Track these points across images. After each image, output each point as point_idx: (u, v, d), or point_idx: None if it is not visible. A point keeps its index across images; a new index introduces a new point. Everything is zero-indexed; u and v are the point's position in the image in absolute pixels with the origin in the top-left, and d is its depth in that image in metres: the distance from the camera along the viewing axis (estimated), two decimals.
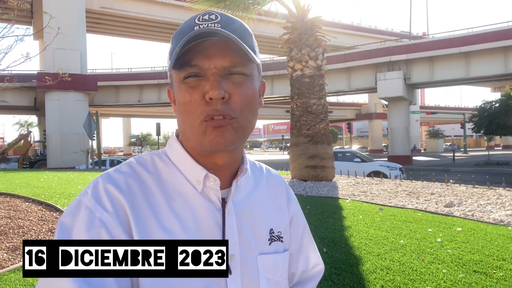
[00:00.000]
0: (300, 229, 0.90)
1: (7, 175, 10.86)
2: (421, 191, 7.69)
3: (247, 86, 0.68)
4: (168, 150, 0.75)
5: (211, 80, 0.64)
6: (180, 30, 0.68)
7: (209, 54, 0.65)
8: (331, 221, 4.90)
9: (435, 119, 65.73)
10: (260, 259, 0.75)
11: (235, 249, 0.71)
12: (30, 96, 30.56)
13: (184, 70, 0.65)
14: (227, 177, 0.74)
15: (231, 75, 0.66)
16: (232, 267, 0.69)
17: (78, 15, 26.63)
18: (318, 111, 9.15)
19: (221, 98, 0.64)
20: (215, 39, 0.64)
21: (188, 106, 0.66)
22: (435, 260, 3.49)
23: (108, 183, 0.67)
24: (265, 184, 0.84)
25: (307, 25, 9.43)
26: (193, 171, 0.71)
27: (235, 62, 0.66)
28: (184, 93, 0.67)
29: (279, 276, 0.78)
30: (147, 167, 0.72)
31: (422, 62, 26.16)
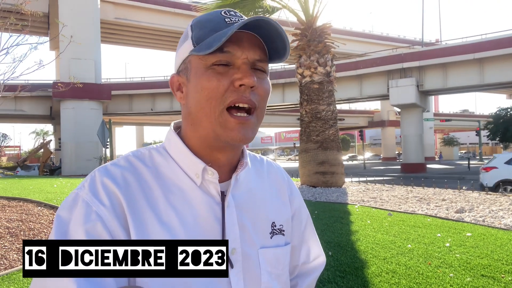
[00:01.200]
0: (303, 222, 0.89)
1: (21, 181, 11.09)
2: (432, 197, 7.59)
3: (266, 82, 0.71)
4: (167, 144, 0.74)
5: (244, 68, 0.66)
6: (208, 19, 0.69)
7: (242, 45, 0.66)
8: (338, 226, 4.87)
9: (450, 126, 64.76)
10: (261, 253, 0.74)
11: (236, 243, 0.70)
12: (46, 105, 31.20)
13: (214, 55, 0.65)
14: (226, 171, 0.73)
15: (254, 70, 0.68)
16: (234, 261, 0.69)
17: (93, 26, 27.23)
18: (327, 117, 9.14)
19: (251, 87, 0.66)
20: (245, 33, 0.66)
21: (214, 91, 0.66)
22: (443, 264, 3.44)
23: (105, 177, 0.66)
24: (266, 177, 0.83)
25: (316, 32, 9.48)
26: (191, 164, 0.70)
27: (261, 58, 0.68)
28: (211, 78, 0.66)
29: (280, 269, 0.77)
30: (144, 161, 0.71)
31: (435, 68, 25.90)
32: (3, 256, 3.36)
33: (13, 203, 6.39)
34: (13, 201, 6.70)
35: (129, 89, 32.43)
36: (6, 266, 3.18)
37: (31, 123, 53.37)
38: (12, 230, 4.17)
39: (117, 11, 32.01)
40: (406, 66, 26.24)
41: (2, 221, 4.57)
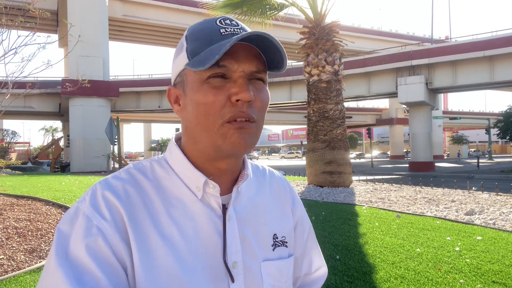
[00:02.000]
0: (306, 233, 0.88)
1: (30, 178, 11.18)
2: (441, 198, 7.50)
3: (265, 92, 0.69)
4: (168, 155, 0.74)
5: (240, 82, 0.64)
6: (202, 30, 0.67)
7: (237, 57, 0.64)
8: (346, 228, 4.83)
9: (459, 124, 64.11)
10: (263, 266, 0.73)
11: (237, 256, 0.69)
12: (55, 102, 31.47)
13: (209, 69, 0.64)
14: (228, 182, 0.73)
15: (253, 80, 0.67)
16: (235, 275, 0.68)
17: (101, 23, 27.35)
18: (335, 116, 9.07)
19: (248, 101, 0.65)
20: (240, 43, 0.64)
21: (211, 107, 0.64)
22: (452, 269, 3.39)
23: (106, 190, 0.66)
24: (268, 188, 0.82)
25: (324, 30, 9.39)
26: (193, 177, 0.69)
27: (259, 69, 0.67)
28: (207, 93, 0.65)
29: (283, 282, 0.76)
30: (146, 174, 0.71)
31: (444, 66, 25.60)
32: (10, 257, 3.37)
33: (22, 202, 6.43)
34: (22, 200, 6.75)
35: (137, 86, 32.56)
36: (13, 267, 3.19)
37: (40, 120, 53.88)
38: (20, 230, 4.19)
39: (125, 9, 32.12)
40: (415, 64, 25.98)
41: (10, 220, 4.60)
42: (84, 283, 0.57)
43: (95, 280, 0.58)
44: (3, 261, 3.26)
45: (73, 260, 0.59)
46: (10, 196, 7.12)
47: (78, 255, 0.60)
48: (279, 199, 0.83)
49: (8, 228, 4.22)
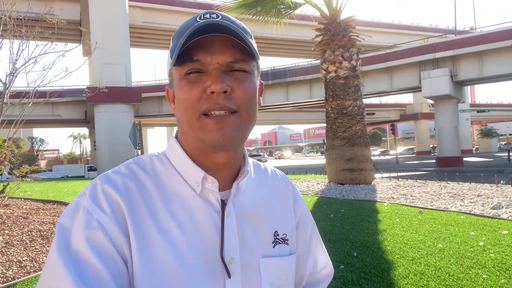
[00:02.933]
0: (309, 231, 0.87)
1: (57, 184, 11.55)
2: (467, 193, 7.25)
3: (248, 83, 0.68)
4: (168, 151, 0.75)
5: (213, 74, 0.64)
6: (181, 29, 0.67)
7: (211, 49, 0.64)
8: (365, 225, 4.74)
9: (488, 117, 61.91)
10: (262, 262, 0.73)
11: (235, 252, 0.69)
12: (81, 109, 32.40)
13: (185, 65, 0.65)
14: (227, 178, 0.73)
15: (232, 72, 0.66)
16: (232, 271, 0.68)
17: (122, 31, 27.99)
18: (354, 113, 8.93)
19: (223, 92, 0.64)
20: (216, 35, 0.63)
21: (187, 101, 0.66)
22: (475, 265, 3.27)
23: (106, 184, 0.67)
24: (271, 186, 0.82)
25: (340, 26, 9.27)
26: (192, 172, 0.70)
27: (236, 59, 0.65)
28: (184, 88, 0.66)
29: (283, 280, 0.75)
30: (145, 169, 0.72)
31: (469, 57, 24.80)
32: (33, 259, 3.48)
33: (48, 206, 6.65)
34: (48, 204, 6.98)
35: (158, 91, 33.06)
36: (35, 268, 3.29)
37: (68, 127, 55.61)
38: (44, 233, 4.32)
39: (144, 15, 32.75)
40: (439, 56, 25.28)
41: (35, 224, 4.75)
42: (85, 275, 0.58)
43: (95, 272, 0.59)
44: (26, 263, 3.38)
45: (73, 253, 0.60)
46: (37, 201, 7.38)
47: (79, 248, 0.60)
48: (281, 197, 0.82)
49: (32, 231, 4.37)
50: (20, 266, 3.29)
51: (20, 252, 3.63)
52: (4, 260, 3.39)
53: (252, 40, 0.69)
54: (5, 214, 5.19)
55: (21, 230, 4.39)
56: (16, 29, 5.14)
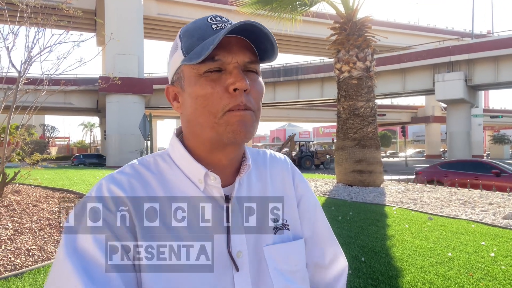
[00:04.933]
0: (312, 211, 0.84)
1: (67, 172, 11.66)
2: (478, 200, 7.14)
3: (259, 83, 0.72)
4: (170, 150, 0.76)
5: (235, 73, 0.67)
6: (195, 28, 0.70)
7: (231, 50, 0.67)
8: (373, 229, 4.69)
9: (501, 123, 60.97)
10: (266, 250, 0.74)
11: (242, 246, 0.71)
12: (93, 99, 32.66)
13: (205, 63, 0.67)
14: (229, 174, 0.75)
15: (247, 72, 0.69)
16: (240, 264, 0.69)
17: (137, 22, 28.08)
18: (366, 114, 8.84)
19: (244, 90, 0.67)
20: (233, 37, 0.67)
21: (209, 98, 0.67)
22: (486, 276, 3.20)
23: (112, 184, 0.68)
24: (268, 173, 0.82)
25: (355, 26, 9.16)
26: (194, 170, 0.72)
27: (252, 60, 0.69)
28: (205, 86, 0.67)
29: (293, 265, 0.76)
30: (149, 168, 0.73)
31: (485, 62, 24.43)
32: (41, 248, 3.51)
33: (57, 194, 6.71)
34: (57, 192, 7.05)
35: None
36: (43, 258, 3.31)
37: (79, 116, 56.15)
38: (53, 222, 4.36)
39: (159, 7, 32.79)
40: (454, 60, 24.95)
41: (44, 212, 4.80)
42: (92, 273, 0.59)
43: (102, 270, 0.60)
44: (34, 251, 3.40)
45: (81, 252, 0.61)
46: (47, 188, 7.45)
47: (86, 247, 0.62)
48: (280, 181, 0.83)
49: (41, 220, 4.40)
50: (28, 254, 3.31)
51: (28, 241, 3.66)
52: (13, 248, 3.42)
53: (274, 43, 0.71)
54: (15, 201, 5.25)
55: (30, 218, 4.43)
56: (32, 17, 5.16)
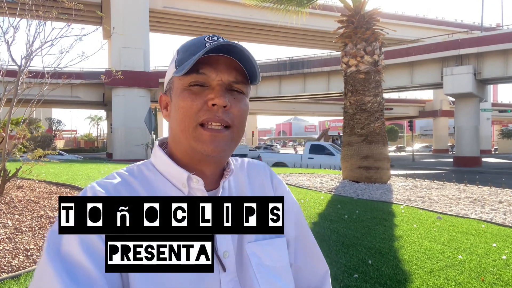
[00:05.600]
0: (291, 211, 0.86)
1: (72, 166, 11.64)
2: (487, 198, 6.98)
3: (244, 103, 0.75)
4: (153, 159, 0.79)
5: (217, 89, 0.70)
6: (189, 45, 0.74)
7: (217, 67, 0.71)
8: (381, 229, 4.56)
9: (509, 117, 60.25)
10: (248, 247, 0.75)
11: (228, 246, 0.73)
12: (99, 92, 32.72)
13: (190, 76, 0.70)
14: (213, 179, 0.77)
15: (231, 91, 0.73)
16: (226, 264, 0.71)
17: (142, 15, 27.97)
18: (373, 109, 8.67)
19: (223, 107, 0.70)
20: (223, 56, 0.71)
21: (188, 110, 0.70)
22: (498, 281, 3.08)
23: (97, 188, 0.69)
24: (246, 176, 0.85)
25: (363, 18, 8.96)
26: (176, 174, 0.74)
27: (238, 80, 0.73)
28: (186, 98, 0.71)
29: (276, 261, 0.77)
30: (134, 175, 0.75)
31: (495, 55, 24.00)
32: (40, 247, 3.44)
33: (60, 189, 6.66)
34: (61, 187, 7.00)
35: None
36: None
37: (86, 109, 56.41)
38: (53, 220, 4.28)
39: (165, 0, 32.59)
40: (463, 53, 24.53)
41: (46, 209, 4.73)
42: (75, 275, 0.59)
43: (86, 272, 0.60)
44: (33, 252, 3.33)
45: (64, 255, 0.61)
46: (51, 183, 7.40)
47: (70, 250, 0.61)
48: (258, 185, 0.86)
49: (42, 217, 4.34)
50: (26, 255, 3.24)
51: (28, 240, 3.59)
52: (11, 247, 3.35)
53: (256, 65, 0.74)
54: (17, 197, 5.19)
55: (31, 216, 4.37)
56: (34, 9, 5.06)
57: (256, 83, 0.75)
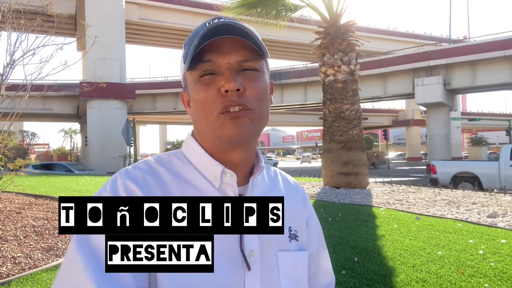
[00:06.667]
0: (317, 231, 0.88)
1: (49, 179, 11.37)
2: (462, 200, 7.30)
3: (259, 81, 0.71)
4: (185, 148, 0.77)
5: (226, 74, 0.67)
6: (193, 35, 0.71)
7: (222, 51, 0.68)
8: (364, 230, 4.72)
9: (478, 126, 62.71)
10: (280, 256, 0.74)
11: (254, 245, 0.71)
12: (73, 104, 32.03)
13: (198, 68, 0.68)
14: (243, 175, 0.75)
15: (244, 71, 0.69)
16: (251, 263, 0.69)
17: (118, 26, 27.75)
18: (351, 117, 8.94)
19: (237, 90, 0.67)
20: (226, 37, 0.66)
21: (204, 102, 0.69)
22: (476, 273, 3.26)
23: (127, 179, 0.68)
24: (281, 184, 0.84)
25: (340, 30, 9.28)
26: (210, 167, 0.72)
27: (247, 57, 0.69)
28: (199, 91, 0.69)
29: (299, 274, 0.77)
30: (164, 165, 0.73)
31: (463, 66, 25.09)
32: (28, 255, 3.40)
33: (40, 201, 6.52)
34: (40, 199, 6.85)
35: (152, 88, 32.87)
36: (30, 265, 3.21)
37: (59, 122, 54.94)
38: (38, 229, 4.23)
39: (141, 12, 32.52)
40: (433, 64, 25.54)
41: (28, 219, 4.65)
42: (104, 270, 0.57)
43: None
44: (20, 259, 3.29)
45: (94, 248, 0.60)
46: (29, 195, 7.23)
47: (99, 244, 0.60)
48: (292, 195, 0.84)
49: (26, 227, 4.27)
50: (14, 262, 3.20)
51: (14, 248, 3.54)
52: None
53: (261, 40, 0.72)
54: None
55: (15, 225, 4.29)
56: (15, 21, 5.03)
57: (266, 56, 0.72)
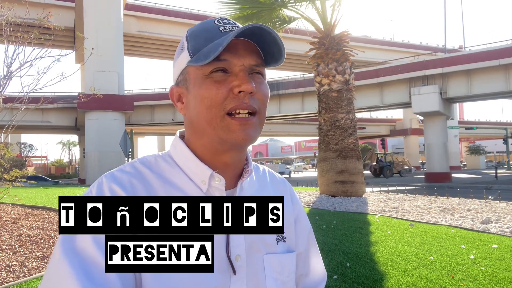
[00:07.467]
0: (306, 230, 0.88)
1: (46, 190, 11.37)
2: (456, 207, 7.33)
3: (265, 85, 0.72)
4: (172, 151, 0.75)
5: (241, 75, 0.67)
6: (202, 29, 0.70)
7: (238, 52, 0.67)
8: (357, 236, 4.76)
9: (476, 134, 62.92)
10: (266, 259, 0.74)
11: (240, 249, 0.70)
12: (71, 116, 32.11)
13: (211, 64, 0.66)
14: (232, 177, 0.74)
15: (252, 74, 0.69)
16: (237, 267, 0.69)
17: (116, 39, 27.98)
18: (346, 126, 9.02)
19: (250, 93, 0.67)
20: (240, 40, 0.67)
21: (213, 99, 0.67)
22: (467, 277, 3.30)
23: (112, 183, 0.67)
24: (270, 185, 0.84)
25: (334, 40, 9.42)
26: (198, 171, 0.71)
27: (258, 62, 0.69)
28: (210, 87, 0.67)
29: (285, 276, 0.77)
30: (151, 168, 0.72)
31: (459, 75, 25.30)
32: (22, 263, 3.42)
33: (36, 212, 6.55)
34: (36, 210, 6.87)
35: (151, 100, 32.98)
36: (25, 273, 3.23)
37: (57, 134, 54.98)
38: (33, 238, 4.25)
39: (139, 25, 32.85)
40: (429, 73, 25.73)
41: (24, 229, 4.68)
42: (91, 273, 0.58)
43: (102, 271, 0.58)
44: (15, 267, 3.31)
45: (79, 251, 0.59)
46: (25, 206, 7.26)
47: (85, 246, 0.60)
48: (279, 194, 0.82)
49: (21, 236, 4.29)
50: (9, 271, 3.23)
51: (9, 257, 3.56)
52: None
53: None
54: None
55: (10, 235, 4.31)
56: (12, 34, 5.12)
57: (280, 62, 0.72)
